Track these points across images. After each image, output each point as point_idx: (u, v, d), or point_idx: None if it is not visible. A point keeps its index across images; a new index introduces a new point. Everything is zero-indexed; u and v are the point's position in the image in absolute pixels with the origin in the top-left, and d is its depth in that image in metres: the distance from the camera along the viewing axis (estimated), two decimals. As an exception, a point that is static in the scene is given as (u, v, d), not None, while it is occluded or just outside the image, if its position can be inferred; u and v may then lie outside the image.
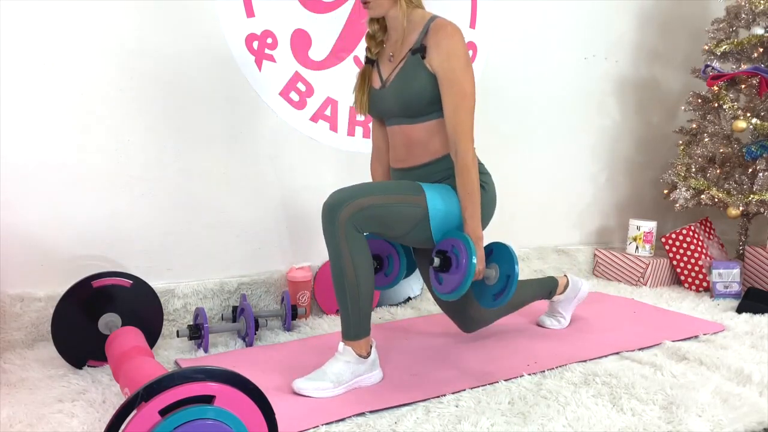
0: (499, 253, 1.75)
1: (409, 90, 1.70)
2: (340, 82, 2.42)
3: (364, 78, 1.83)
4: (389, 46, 1.79)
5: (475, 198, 1.67)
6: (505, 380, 1.72)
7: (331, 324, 2.23)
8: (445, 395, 1.61)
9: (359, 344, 1.67)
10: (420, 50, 1.68)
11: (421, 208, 1.68)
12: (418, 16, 1.73)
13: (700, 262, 2.88)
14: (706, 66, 2.94)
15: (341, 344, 1.67)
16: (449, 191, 1.73)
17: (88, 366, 1.76)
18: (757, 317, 2.39)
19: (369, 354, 1.68)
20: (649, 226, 3.03)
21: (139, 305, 1.83)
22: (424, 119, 1.73)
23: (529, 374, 1.76)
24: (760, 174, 2.76)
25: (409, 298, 2.56)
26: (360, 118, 1.85)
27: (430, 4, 2.56)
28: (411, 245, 1.86)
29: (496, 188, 1.84)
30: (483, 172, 1.78)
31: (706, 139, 2.96)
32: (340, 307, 1.66)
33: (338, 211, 1.59)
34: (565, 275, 2.25)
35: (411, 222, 1.68)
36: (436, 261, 1.69)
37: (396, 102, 1.73)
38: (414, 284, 2.59)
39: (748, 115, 2.78)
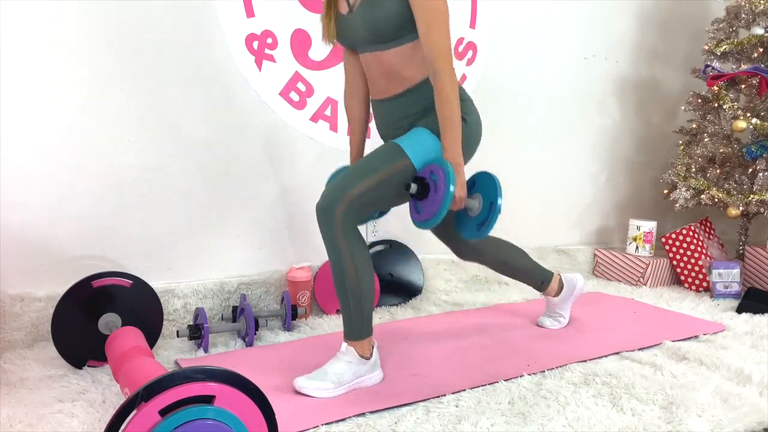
0: (482, 183, 1.69)
1: (377, 13, 1.61)
2: (341, 82, 2.41)
3: (329, 3, 1.73)
4: None
5: (455, 122, 1.59)
6: (505, 380, 1.72)
7: (331, 324, 2.23)
8: (445, 395, 1.61)
9: (362, 344, 1.66)
10: None
11: (409, 167, 1.64)
12: None
13: (700, 262, 2.88)
14: (706, 66, 2.94)
15: (344, 344, 1.67)
16: (428, 135, 1.67)
17: (88, 366, 1.76)
18: (757, 317, 2.39)
19: (371, 355, 1.68)
20: (649, 226, 3.03)
21: (139, 305, 1.83)
22: (396, 44, 1.65)
23: (529, 374, 1.76)
24: (760, 174, 2.76)
25: (410, 298, 2.55)
26: (328, 45, 1.74)
27: (430, 4, 2.57)
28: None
29: (480, 117, 1.76)
30: (464, 99, 1.70)
31: (706, 139, 2.96)
32: (341, 307, 1.66)
33: (332, 211, 1.58)
34: (559, 274, 2.23)
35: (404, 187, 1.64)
36: (413, 187, 1.60)
37: (365, 27, 1.65)
38: (414, 285, 2.59)
39: (748, 115, 2.78)
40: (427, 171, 1.63)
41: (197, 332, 1.91)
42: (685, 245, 2.93)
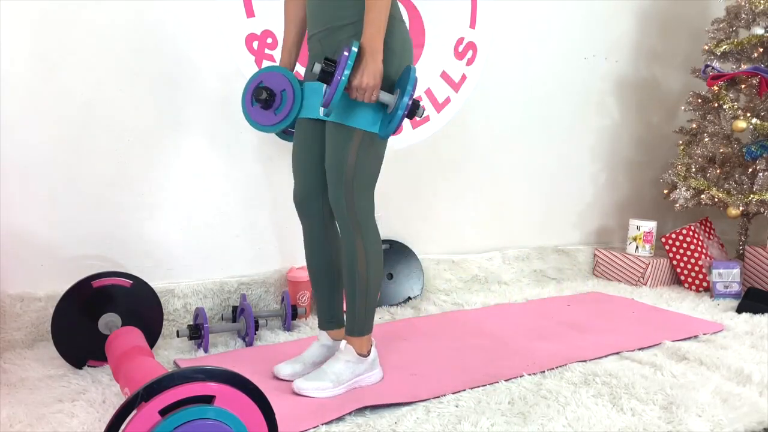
0: (401, 77, 1.53)
1: None
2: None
3: None
4: None
5: (381, 4, 1.44)
6: (505, 380, 1.72)
7: (331, 324, 2.23)
8: (445, 395, 1.61)
9: (361, 341, 1.66)
10: None
11: (369, 134, 1.56)
12: None
13: (700, 262, 2.88)
14: (706, 66, 2.95)
15: (343, 342, 1.67)
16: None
17: (88, 366, 1.76)
18: (757, 317, 2.40)
19: (369, 353, 1.68)
20: (649, 226, 3.03)
21: (139, 305, 1.83)
22: None
23: (529, 374, 1.76)
24: (760, 174, 2.76)
25: (409, 298, 2.56)
26: None
27: (430, 4, 2.57)
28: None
29: (410, 40, 1.62)
30: (393, 15, 1.56)
31: (706, 139, 2.96)
32: (347, 301, 1.66)
33: (343, 203, 1.59)
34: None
35: (379, 154, 1.60)
36: (317, 67, 1.44)
37: None
38: (414, 284, 2.59)
39: (748, 115, 2.78)
40: (340, 53, 1.47)
41: (197, 332, 1.91)
42: (685, 245, 2.93)
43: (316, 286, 1.78)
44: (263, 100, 1.70)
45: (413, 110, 1.52)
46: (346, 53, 1.43)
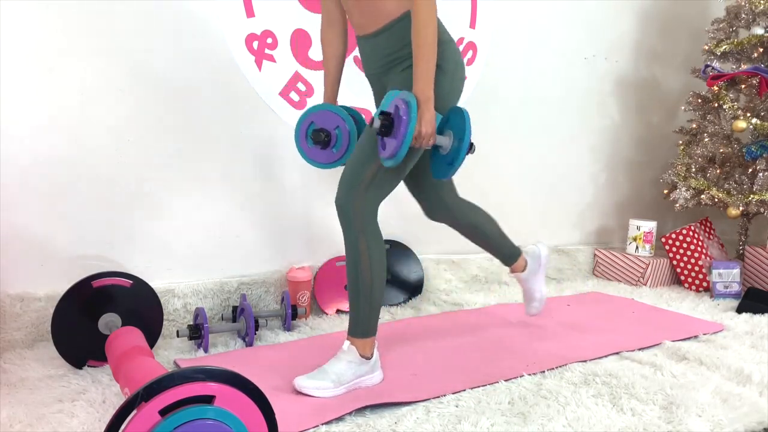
0: (453, 120, 1.60)
1: None
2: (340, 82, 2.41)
3: None
4: None
5: (428, 54, 1.52)
6: (505, 380, 1.72)
7: (331, 324, 2.23)
8: (445, 395, 1.61)
9: (365, 343, 1.66)
10: None
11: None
12: None
13: (700, 262, 2.88)
14: (706, 66, 2.95)
15: (346, 342, 1.67)
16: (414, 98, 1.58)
17: (88, 366, 1.76)
18: (757, 317, 2.40)
19: (372, 355, 1.68)
20: (649, 226, 3.03)
21: (139, 305, 1.83)
22: None
23: (529, 374, 1.76)
24: (760, 174, 2.77)
25: (409, 298, 2.55)
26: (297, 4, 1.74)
27: (430, 4, 2.57)
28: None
29: (463, 63, 1.69)
30: (444, 41, 1.63)
31: (706, 139, 2.96)
32: (351, 303, 1.66)
33: (349, 203, 1.59)
34: (522, 253, 2.15)
35: (407, 156, 1.62)
36: (376, 122, 1.52)
37: None
38: (414, 284, 2.59)
39: (748, 115, 2.78)
40: (392, 105, 1.55)
41: (197, 332, 1.91)
42: (685, 245, 2.93)
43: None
44: (323, 141, 1.80)
45: (467, 151, 1.58)
46: (404, 106, 1.49)
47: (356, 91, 2.42)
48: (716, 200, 2.85)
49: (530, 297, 2.20)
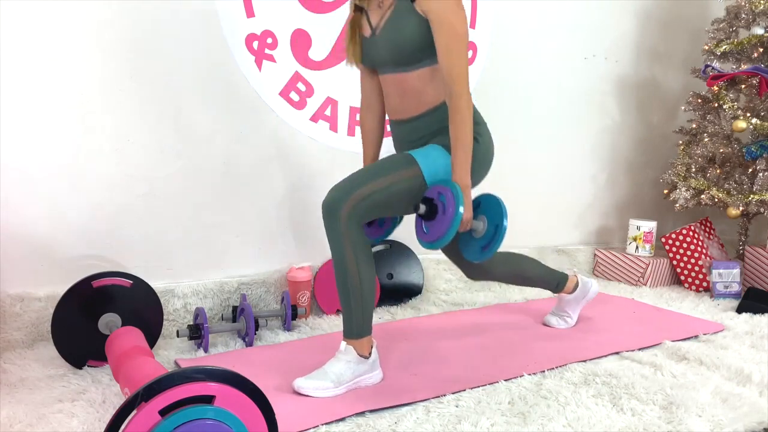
0: (487, 205, 1.72)
1: (400, 36, 1.65)
2: (340, 82, 2.42)
3: (353, 27, 1.76)
4: None
5: (466, 144, 1.63)
6: (505, 380, 1.72)
7: (331, 324, 2.23)
8: (445, 395, 1.61)
9: (361, 343, 1.67)
10: None
11: (419, 177, 1.66)
12: None
13: (700, 262, 2.88)
14: (706, 66, 2.94)
15: (343, 343, 1.67)
16: (440, 151, 1.70)
17: (88, 366, 1.76)
18: (757, 317, 2.40)
19: (370, 354, 1.68)
20: (649, 226, 3.03)
21: (139, 305, 1.83)
22: (417, 67, 1.69)
23: (529, 374, 1.76)
24: (760, 174, 2.76)
25: (409, 298, 2.55)
26: (352, 67, 1.82)
27: (430, 4, 2.57)
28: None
29: (493, 140, 1.79)
30: (478, 122, 1.74)
31: (706, 139, 2.96)
32: (342, 305, 1.66)
33: (338, 209, 1.59)
34: (576, 274, 2.25)
35: (412, 194, 1.66)
36: (422, 208, 1.63)
37: (387, 50, 1.69)
38: (414, 284, 2.59)
39: (748, 115, 2.78)
40: (435, 192, 1.65)
41: (197, 332, 1.91)
42: (685, 245, 2.93)
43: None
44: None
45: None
46: (449, 195, 1.59)
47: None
48: (716, 200, 2.85)
49: (559, 312, 2.26)
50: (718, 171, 2.93)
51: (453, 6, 1.61)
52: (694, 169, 2.98)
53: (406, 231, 2.65)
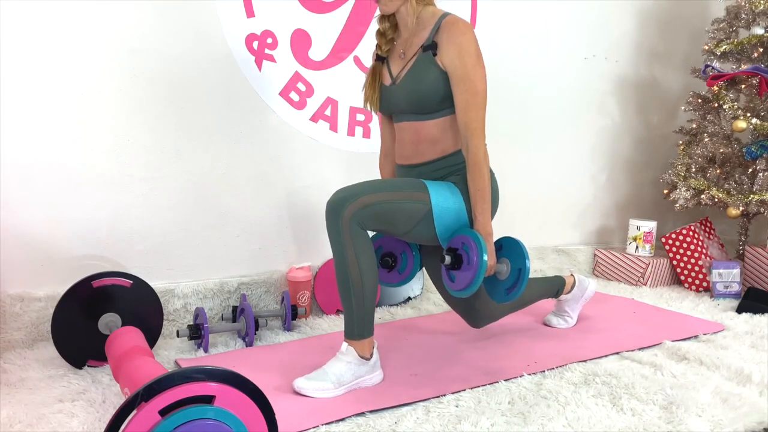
0: (509, 248, 1.75)
1: (420, 87, 1.69)
2: (340, 82, 2.42)
3: (375, 75, 1.80)
4: (400, 43, 1.78)
5: (486, 194, 1.68)
6: (505, 380, 1.72)
7: (331, 324, 2.23)
8: (445, 395, 1.61)
9: (362, 344, 1.66)
10: (431, 47, 1.67)
11: (425, 204, 1.67)
12: (429, 13, 1.73)
13: (700, 262, 2.88)
14: (706, 66, 2.94)
15: (344, 344, 1.67)
16: (453, 188, 1.73)
17: (88, 366, 1.76)
18: (757, 317, 2.40)
19: (371, 355, 1.68)
20: (649, 226, 3.03)
21: (139, 305, 1.83)
22: (435, 116, 1.72)
23: (529, 374, 1.76)
24: (760, 174, 2.76)
25: (409, 298, 2.55)
26: (371, 113, 1.86)
27: (430, 4, 2.57)
28: (415, 242, 1.85)
29: (498, 184, 1.83)
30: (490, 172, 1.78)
31: (706, 139, 2.96)
32: (344, 306, 1.66)
33: (342, 209, 1.59)
34: (572, 274, 2.25)
35: (415, 218, 1.67)
36: (448, 259, 1.68)
37: (407, 99, 1.72)
38: (414, 284, 2.59)
39: (748, 115, 2.78)
40: (458, 242, 1.69)
41: (197, 332, 1.91)
42: (685, 245, 2.93)
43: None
44: (389, 266, 1.95)
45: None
46: (473, 245, 1.64)
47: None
48: (716, 200, 2.85)
49: (559, 312, 2.27)
50: (718, 171, 2.93)
51: (474, 61, 1.65)
52: (694, 169, 2.98)
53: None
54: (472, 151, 1.66)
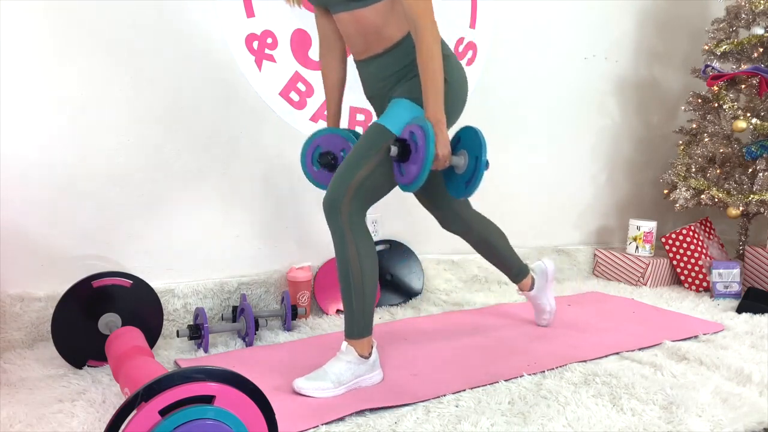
0: (466, 139, 1.65)
1: None
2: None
3: None
4: None
5: (436, 79, 1.53)
6: (505, 380, 1.72)
7: (331, 324, 2.23)
8: (445, 395, 1.61)
9: (362, 343, 1.66)
10: None
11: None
12: None
13: (700, 262, 2.88)
14: (706, 66, 2.94)
15: (344, 343, 1.67)
16: (409, 107, 1.64)
17: (88, 366, 1.76)
18: (757, 317, 2.40)
19: (370, 354, 1.68)
20: (649, 226, 3.03)
21: (139, 305, 1.83)
22: (369, 1, 1.60)
23: (529, 374, 1.76)
24: (760, 174, 2.76)
25: (409, 298, 2.55)
26: (293, 7, 1.76)
27: (430, 4, 2.57)
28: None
29: (465, 74, 1.72)
30: (447, 54, 1.64)
31: (706, 139, 2.96)
32: (344, 304, 1.66)
33: (338, 204, 1.59)
34: (531, 271, 2.20)
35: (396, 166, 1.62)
36: (393, 150, 1.56)
37: None
38: (414, 284, 2.59)
39: (748, 115, 2.78)
40: (407, 131, 1.58)
41: (197, 332, 1.91)
42: (685, 245, 2.93)
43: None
44: (329, 164, 1.84)
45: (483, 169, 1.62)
46: (419, 132, 1.51)
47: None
48: (716, 200, 2.85)
49: (540, 311, 2.25)
50: (718, 171, 2.93)
51: None
52: (694, 169, 2.98)
53: (406, 231, 2.67)
54: (420, 33, 1.52)
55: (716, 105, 2.93)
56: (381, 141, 1.62)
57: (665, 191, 3.12)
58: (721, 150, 2.92)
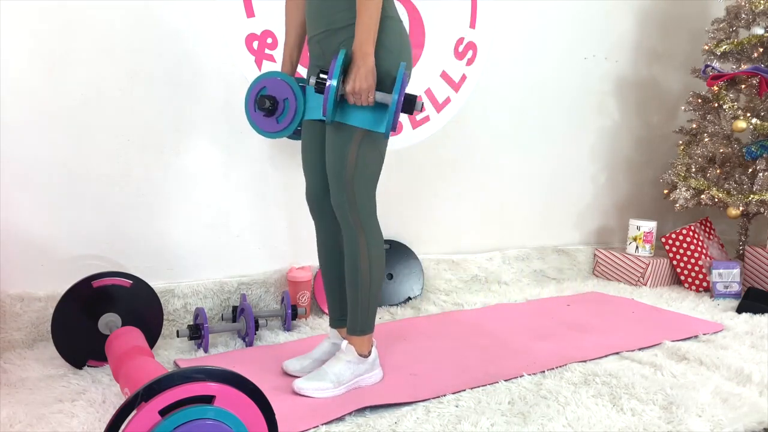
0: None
1: None
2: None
3: None
4: None
5: (371, 9, 1.45)
6: (505, 380, 1.72)
7: (331, 324, 2.23)
8: (445, 395, 1.61)
9: (362, 341, 1.67)
10: None
11: (363, 123, 1.55)
12: None
13: (700, 262, 2.88)
14: (706, 66, 2.95)
15: (344, 342, 1.67)
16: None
17: (88, 366, 1.76)
18: (757, 317, 2.40)
19: (370, 353, 1.68)
20: (649, 226, 3.03)
21: (139, 305, 1.83)
22: None
23: (529, 374, 1.76)
24: (760, 174, 2.77)
25: (409, 298, 2.56)
26: None
27: (430, 4, 2.57)
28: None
29: (407, 35, 1.62)
30: (389, 16, 1.56)
31: (706, 139, 2.96)
32: (349, 300, 1.66)
33: (343, 197, 1.59)
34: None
35: (376, 139, 1.57)
36: (312, 80, 1.50)
37: None
38: (414, 284, 2.59)
39: (748, 115, 2.78)
40: (332, 64, 1.49)
41: (197, 332, 1.91)
42: (685, 245, 2.93)
43: (328, 283, 1.79)
44: (267, 109, 1.73)
45: (411, 105, 1.52)
46: (334, 62, 1.46)
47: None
48: (716, 200, 2.86)
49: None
50: (718, 171, 2.93)
51: None
52: (694, 169, 2.98)
53: (406, 231, 2.67)
54: None
55: (716, 105, 2.93)
56: (348, 130, 1.55)
57: (665, 191, 3.12)
58: (721, 150, 2.92)
